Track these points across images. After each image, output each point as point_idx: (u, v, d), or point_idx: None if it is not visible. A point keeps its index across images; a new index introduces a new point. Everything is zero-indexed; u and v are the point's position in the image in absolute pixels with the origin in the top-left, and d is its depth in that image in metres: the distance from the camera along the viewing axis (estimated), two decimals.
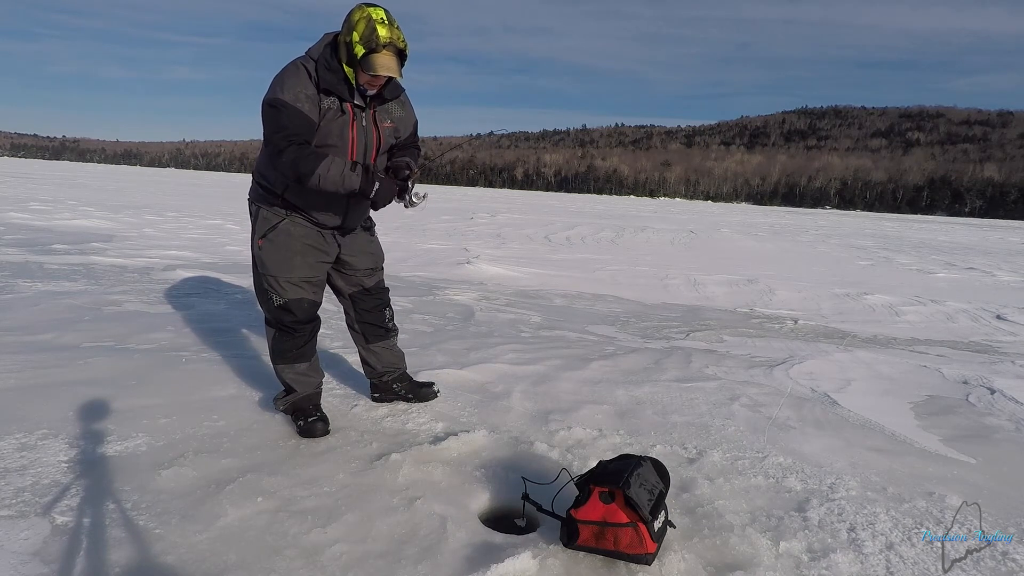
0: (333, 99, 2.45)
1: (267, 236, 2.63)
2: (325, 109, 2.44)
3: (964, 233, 34.55)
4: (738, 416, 3.25)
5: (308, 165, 2.36)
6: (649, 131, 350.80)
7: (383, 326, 3.03)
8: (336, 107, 2.47)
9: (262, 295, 2.74)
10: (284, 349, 2.76)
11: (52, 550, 1.82)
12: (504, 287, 7.51)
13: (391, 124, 2.68)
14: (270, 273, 2.65)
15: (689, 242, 17.08)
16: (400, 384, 3.12)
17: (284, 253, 2.63)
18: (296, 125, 2.37)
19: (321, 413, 2.79)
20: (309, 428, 2.70)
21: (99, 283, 5.92)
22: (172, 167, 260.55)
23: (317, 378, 2.87)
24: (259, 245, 2.65)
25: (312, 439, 2.67)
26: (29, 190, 22.06)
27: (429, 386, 3.19)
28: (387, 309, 3.05)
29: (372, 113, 2.60)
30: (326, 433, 2.71)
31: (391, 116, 2.68)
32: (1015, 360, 4.94)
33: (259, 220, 2.67)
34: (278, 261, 2.63)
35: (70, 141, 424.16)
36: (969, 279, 11.64)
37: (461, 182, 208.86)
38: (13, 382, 3.05)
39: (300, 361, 2.79)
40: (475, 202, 37.41)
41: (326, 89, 2.42)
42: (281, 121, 2.36)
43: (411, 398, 3.12)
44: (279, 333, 2.75)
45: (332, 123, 2.47)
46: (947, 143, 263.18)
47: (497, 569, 1.82)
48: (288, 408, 2.81)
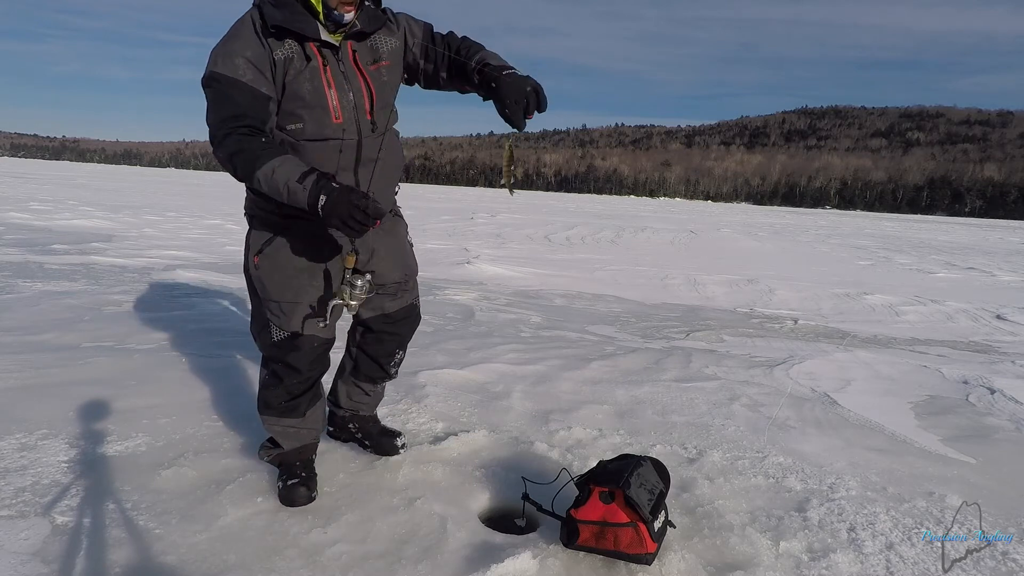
0: (290, 44, 1.84)
1: (263, 251, 2.04)
2: (282, 62, 1.83)
3: (964, 233, 34.55)
4: (738, 416, 3.24)
5: (248, 164, 1.75)
6: (649, 131, 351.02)
7: (385, 369, 2.42)
8: (297, 53, 1.84)
9: (260, 324, 2.14)
10: (272, 397, 2.17)
11: (52, 550, 1.82)
12: (504, 287, 7.51)
13: (385, 63, 2.00)
14: (271, 298, 2.06)
15: (689, 242, 17.08)
16: (356, 424, 2.55)
17: (286, 270, 2.04)
18: (237, 105, 1.78)
19: (308, 473, 2.21)
20: (288, 494, 2.13)
21: (99, 283, 5.92)
22: (172, 167, 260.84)
23: (314, 431, 2.28)
24: (255, 263, 2.07)
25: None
26: (29, 190, 22.05)
27: (392, 437, 2.54)
28: (400, 351, 2.42)
29: (351, 54, 1.93)
30: (309, 501, 2.13)
31: (379, 52, 1.99)
32: (1015, 360, 4.94)
33: (253, 232, 2.11)
34: (280, 282, 2.05)
35: (70, 141, 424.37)
36: (969, 279, 11.64)
37: (461, 182, 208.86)
38: (13, 382, 3.05)
39: (289, 416, 2.19)
40: (475, 202, 37.40)
41: (276, 31, 1.82)
42: (219, 101, 1.79)
43: (367, 445, 2.52)
44: (270, 377, 2.17)
45: (298, 79, 1.85)
46: (947, 143, 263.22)
47: (497, 569, 1.81)
48: (273, 460, 2.28)
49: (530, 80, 1.91)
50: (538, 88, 1.90)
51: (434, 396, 3.22)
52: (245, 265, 2.15)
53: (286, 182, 1.72)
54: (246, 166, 1.75)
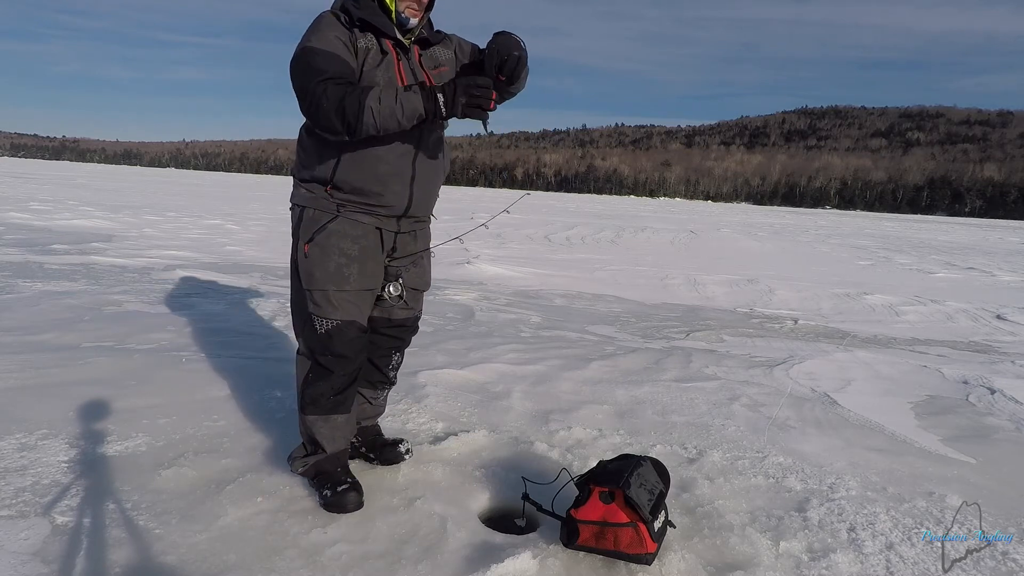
0: (369, 37, 2.03)
1: (314, 239, 2.09)
2: (363, 49, 2.01)
3: (964, 233, 34.55)
4: (738, 416, 3.24)
5: (355, 101, 1.86)
6: (649, 131, 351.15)
7: (384, 372, 2.43)
8: (375, 46, 2.03)
9: (303, 319, 2.18)
10: (319, 394, 2.17)
11: (52, 550, 1.82)
12: (504, 287, 7.51)
13: (444, 68, 2.18)
14: (318, 287, 2.10)
15: (689, 242, 17.08)
16: (360, 438, 2.51)
17: (337, 259, 2.09)
18: (333, 68, 1.93)
19: (353, 478, 2.20)
20: (339, 501, 2.11)
21: (99, 283, 5.92)
22: (172, 167, 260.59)
23: (353, 430, 2.34)
24: (305, 252, 2.11)
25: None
26: (29, 190, 22.06)
27: (395, 445, 2.50)
28: (397, 353, 2.44)
29: (417, 56, 2.13)
30: (359, 506, 2.12)
31: (439, 61, 2.19)
32: (1015, 360, 4.94)
33: (304, 221, 2.14)
34: (329, 270, 2.09)
35: (70, 141, 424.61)
36: (969, 279, 11.64)
37: (461, 182, 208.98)
38: (13, 382, 3.05)
39: (338, 412, 2.20)
40: (475, 202, 37.40)
41: (360, 23, 2.02)
42: (316, 65, 1.92)
43: (372, 459, 2.48)
44: (315, 371, 2.17)
45: (375, 68, 2.02)
46: (947, 143, 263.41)
47: (497, 569, 1.81)
48: (309, 471, 2.23)
49: (517, 45, 1.99)
50: (521, 57, 1.98)
51: (434, 396, 3.22)
52: (293, 257, 2.19)
53: (397, 98, 1.87)
54: (353, 103, 1.85)
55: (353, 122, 1.87)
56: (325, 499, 2.12)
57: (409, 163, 2.09)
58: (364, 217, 2.11)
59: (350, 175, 2.06)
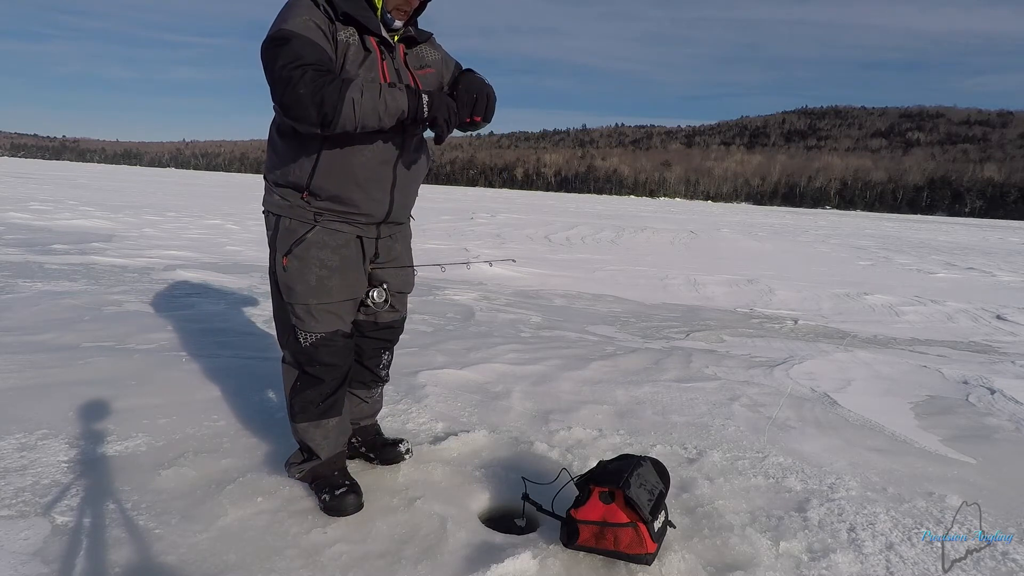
0: (351, 31, 1.91)
1: (292, 252, 2.02)
2: (343, 43, 1.88)
3: (964, 233, 34.55)
4: (738, 416, 3.24)
5: (335, 92, 1.74)
6: (649, 131, 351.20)
7: (375, 372, 2.41)
8: (356, 42, 1.91)
9: (286, 330, 2.14)
10: (308, 401, 2.13)
11: (52, 550, 1.82)
12: (504, 287, 7.51)
13: (430, 70, 2.10)
14: (300, 301, 2.04)
15: (689, 242, 17.08)
16: (359, 438, 2.49)
17: (318, 271, 2.02)
18: (310, 54, 1.78)
19: (351, 480, 2.18)
20: (338, 505, 2.08)
21: (99, 283, 5.92)
22: (172, 167, 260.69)
23: (348, 432, 2.31)
24: (283, 265, 2.03)
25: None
26: (29, 190, 22.05)
27: (395, 445, 2.48)
28: (387, 353, 2.42)
29: (402, 55, 2.04)
30: (359, 508, 2.10)
31: (425, 61, 2.10)
32: (1015, 360, 4.94)
33: (281, 232, 2.05)
34: (311, 283, 2.03)
35: (70, 141, 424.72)
36: (969, 279, 11.64)
37: (461, 182, 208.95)
38: (13, 382, 3.05)
39: (329, 416, 2.17)
40: (475, 202, 37.39)
41: (344, 17, 1.89)
42: (293, 49, 1.77)
43: (372, 459, 2.46)
44: (303, 379, 2.13)
45: (357, 66, 1.90)
46: (947, 143, 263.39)
47: (497, 569, 1.81)
48: (306, 477, 2.22)
49: (488, 86, 2.02)
50: (491, 95, 2.00)
51: (434, 396, 3.22)
52: (271, 268, 2.14)
53: (381, 93, 1.78)
54: (333, 93, 1.74)
55: (330, 113, 1.75)
56: (324, 503, 2.11)
57: (390, 169, 2.03)
58: (343, 226, 2.03)
59: (328, 181, 1.96)
